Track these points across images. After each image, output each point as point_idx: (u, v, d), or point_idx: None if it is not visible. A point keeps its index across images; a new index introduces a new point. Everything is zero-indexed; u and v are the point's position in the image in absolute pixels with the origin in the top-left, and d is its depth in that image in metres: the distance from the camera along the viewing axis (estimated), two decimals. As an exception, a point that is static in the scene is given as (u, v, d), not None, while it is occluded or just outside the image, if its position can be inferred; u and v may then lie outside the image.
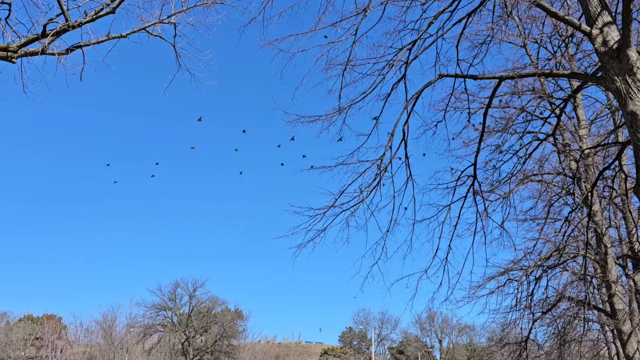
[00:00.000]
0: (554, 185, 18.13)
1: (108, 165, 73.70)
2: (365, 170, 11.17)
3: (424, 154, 14.44)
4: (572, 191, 17.59)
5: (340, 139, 11.51)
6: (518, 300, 17.29)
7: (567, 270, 18.00)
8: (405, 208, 11.53)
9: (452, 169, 12.71)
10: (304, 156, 17.41)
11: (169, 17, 10.56)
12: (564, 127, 17.37)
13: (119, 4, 9.46)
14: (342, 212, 11.14)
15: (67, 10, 9.13)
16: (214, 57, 11.72)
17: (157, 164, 58.35)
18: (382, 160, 11.08)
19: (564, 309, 18.37)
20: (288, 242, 11.04)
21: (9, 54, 8.90)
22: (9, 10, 9.52)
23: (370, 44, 10.89)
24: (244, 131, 31.68)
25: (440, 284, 11.58)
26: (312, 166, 11.84)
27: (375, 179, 11.16)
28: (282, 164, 24.86)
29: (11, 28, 9.57)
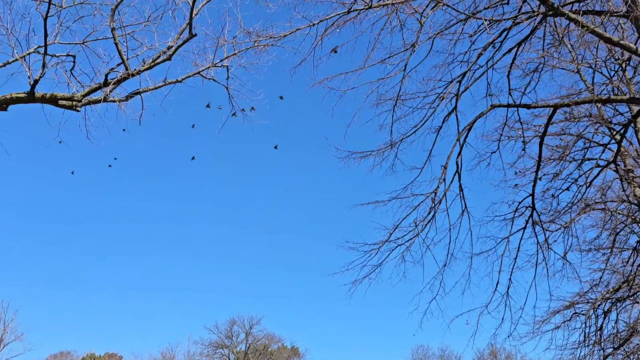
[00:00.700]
0: (619, 213, 17.35)
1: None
2: (419, 204, 11.08)
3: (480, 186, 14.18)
4: (638, 219, 16.81)
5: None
6: (586, 336, 16.44)
7: (639, 303, 17.05)
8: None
9: (509, 202, 12.39)
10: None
11: (221, 60, 10.91)
12: (626, 153, 16.73)
13: (175, 51, 9.87)
14: (397, 246, 11.03)
15: (127, 59, 9.60)
16: (266, 97, 11.98)
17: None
18: (436, 193, 10.97)
19: (637, 344, 17.33)
20: (343, 278, 10.98)
21: (74, 103, 9.40)
22: (74, 62, 10.11)
23: (420, 78, 10.94)
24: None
25: (502, 319, 11.23)
26: (367, 202, 11.77)
27: (429, 213, 11.04)
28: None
29: (75, 79, 10.15)
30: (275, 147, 13.68)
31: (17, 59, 9.50)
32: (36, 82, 9.00)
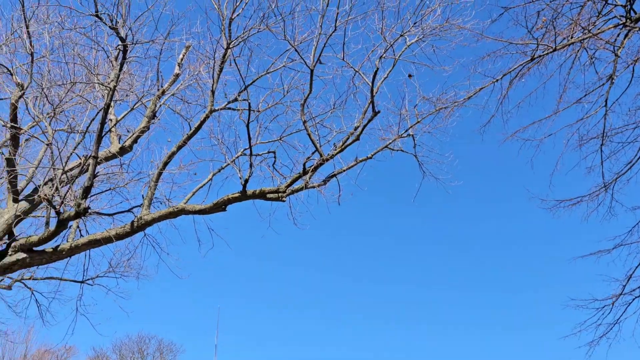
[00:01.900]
0: None
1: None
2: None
3: None
4: None
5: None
6: None
7: None
8: None
9: None
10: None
11: (406, 130, 11.12)
12: None
13: (362, 130, 10.31)
14: (634, 299, 9.75)
15: (320, 146, 10.25)
16: (456, 158, 11.82)
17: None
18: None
19: None
20: (576, 340, 9.94)
21: (280, 194, 10.21)
22: (274, 157, 11.05)
23: (625, 110, 9.95)
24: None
25: None
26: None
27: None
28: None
29: (277, 172, 11.07)
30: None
31: (228, 163, 10.68)
32: (246, 181, 9.99)
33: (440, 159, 11.42)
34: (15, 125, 9.61)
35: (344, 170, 10.64)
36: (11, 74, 9.81)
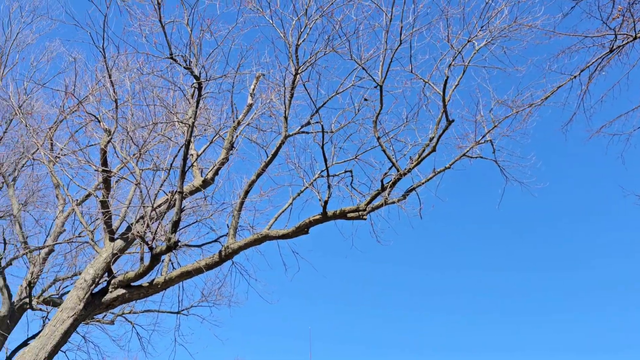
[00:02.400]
0: None
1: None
2: None
3: None
4: None
5: None
6: None
7: None
8: None
9: None
10: None
11: (483, 136, 10.85)
12: None
13: (437, 141, 10.16)
14: None
15: (396, 161, 10.19)
16: (539, 159, 11.39)
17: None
18: None
19: None
20: None
21: (360, 213, 10.21)
22: (351, 176, 11.08)
23: None
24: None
25: None
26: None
27: None
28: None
29: (356, 190, 11.08)
30: None
31: (307, 187, 10.82)
32: (326, 202, 10.07)
33: (522, 162, 11.06)
34: (106, 168, 10.20)
35: (423, 183, 10.51)
36: (99, 121, 10.45)
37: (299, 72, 10.34)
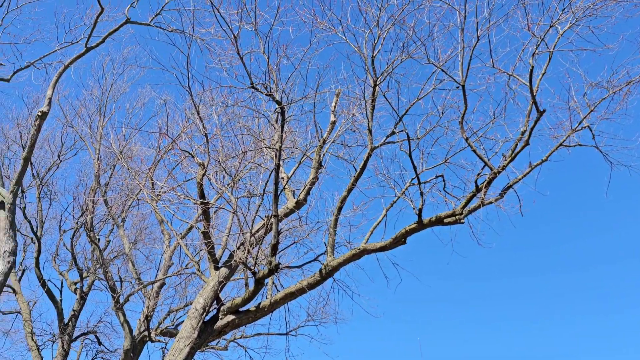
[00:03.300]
0: None
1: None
2: None
3: None
4: None
5: None
6: None
7: None
8: None
9: None
10: None
11: (579, 123, 10.28)
12: None
13: (530, 134, 9.72)
14: None
15: (489, 160, 9.86)
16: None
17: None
18: None
19: None
20: None
21: (457, 217, 9.96)
22: (443, 180, 10.84)
23: None
24: None
25: None
26: None
27: None
28: None
29: (450, 194, 10.81)
30: None
31: (399, 197, 10.70)
32: (420, 210, 9.91)
33: (626, 145, 10.35)
34: (204, 200, 10.64)
35: (520, 179, 10.08)
36: (193, 157, 10.95)
37: (378, 83, 10.32)
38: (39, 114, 14.84)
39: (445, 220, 10.07)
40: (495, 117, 10.46)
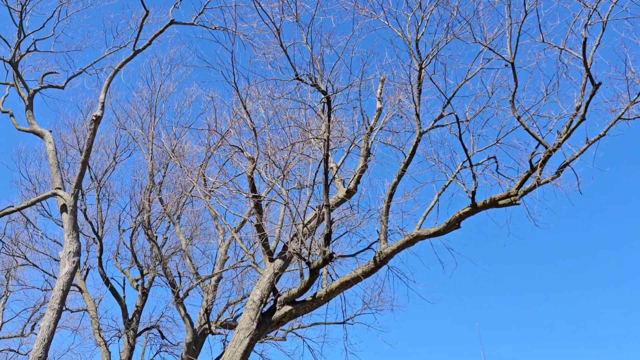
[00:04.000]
0: None
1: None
2: None
3: None
4: None
5: None
6: None
7: None
8: None
9: None
10: None
11: (639, 94, 9.83)
12: None
13: (585, 109, 9.35)
14: None
15: (543, 138, 9.56)
16: None
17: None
18: None
19: None
20: None
21: (512, 198, 9.71)
22: (496, 162, 10.57)
23: None
24: None
25: None
26: None
27: None
28: None
29: (503, 175, 10.54)
30: None
31: (450, 180, 10.53)
32: (474, 193, 9.73)
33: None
34: (256, 194, 10.77)
35: (577, 156, 9.72)
36: (242, 151, 11.08)
37: (423, 66, 10.15)
38: (94, 118, 15.36)
39: (500, 202, 9.85)
40: (547, 93, 10.12)
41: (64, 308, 14.30)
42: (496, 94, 10.53)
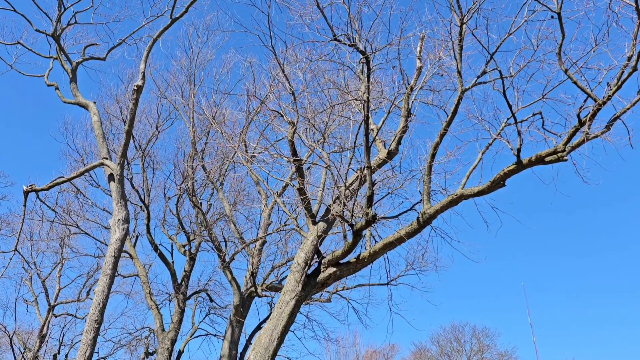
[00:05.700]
0: None
1: None
2: None
3: None
4: None
5: None
6: None
7: None
8: None
9: None
10: None
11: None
12: None
13: (638, 59, 8.93)
14: None
15: (592, 91, 9.21)
16: None
17: None
18: None
19: None
20: None
21: (559, 154, 9.45)
22: (541, 117, 10.27)
23: None
24: None
25: None
26: None
27: None
28: None
29: (549, 131, 10.24)
30: None
31: (494, 138, 10.30)
32: (519, 150, 9.50)
33: None
34: (297, 158, 10.80)
35: (629, 109, 9.34)
36: (282, 116, 11.08)
37: (465, 21, 9.84)
38: (135, 88, 15.58)
39: (547, 159, 9.60)
40: (596, 44, 9.67)
41: (116, 274, 14.82)
42: (541, 47, 10.14)
